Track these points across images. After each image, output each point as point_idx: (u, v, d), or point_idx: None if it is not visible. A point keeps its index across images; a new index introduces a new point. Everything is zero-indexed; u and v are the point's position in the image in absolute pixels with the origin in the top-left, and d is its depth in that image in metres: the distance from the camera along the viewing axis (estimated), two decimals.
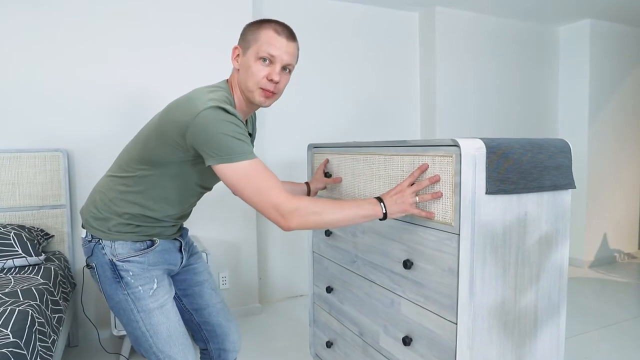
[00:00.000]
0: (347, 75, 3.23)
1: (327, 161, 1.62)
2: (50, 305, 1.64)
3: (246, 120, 1.30)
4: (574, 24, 3.76)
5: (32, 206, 2.24)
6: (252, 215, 2.79)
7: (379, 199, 1.10)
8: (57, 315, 1.67)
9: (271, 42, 1.10)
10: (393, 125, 3.42)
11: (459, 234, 1.03)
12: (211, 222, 2.67)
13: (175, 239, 1.28)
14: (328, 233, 1.67)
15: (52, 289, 1.74)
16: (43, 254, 2.00)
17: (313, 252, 1.84)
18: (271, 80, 1.12)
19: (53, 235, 2.25)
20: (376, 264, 1.37)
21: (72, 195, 2.36)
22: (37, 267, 1.92)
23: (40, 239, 2.11)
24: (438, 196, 1.07)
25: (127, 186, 1.15)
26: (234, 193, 1.06)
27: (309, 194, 1.56)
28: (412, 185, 1.11)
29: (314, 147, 1.76)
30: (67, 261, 2.23)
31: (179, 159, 1.10)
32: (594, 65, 3.69)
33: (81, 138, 2.37)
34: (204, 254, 2.27)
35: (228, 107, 1.03)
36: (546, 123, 3.88)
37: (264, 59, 1.10)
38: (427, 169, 1.10)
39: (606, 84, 3.76)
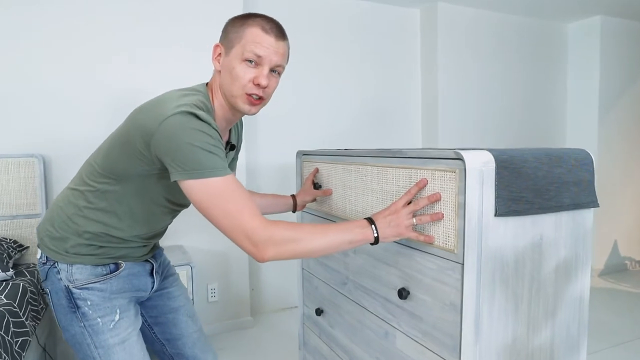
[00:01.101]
0: (345, 75, 3.07)
1: (317, 170, 1.47)
2: (11, 329, 1.49)
3: (230, 130, 1.15)
4: (584, 20, 3.59)
5: (5, 215, 2.09)
6: None
7: (370, 221, 0.94)
8: (20, 339, 1.52)
9: (258, 40, 0.95)
10: (393, 128, 3.26)
11: (462, 264, 0.87)
12: (198, 230, 2.52)
13: (147, 260, 1.13)
14: None
15: (17, 310, 1.59)
16: (12, 269, 1.85)
17: (303, 269, 1.68)
18: (258, 85, 0.97)
19: (27, 247, 2.10)
20: (369, 289, 1.22)
21: (49, 204, 2.21)
22: (4, 283, 1.77)
23: (12, 251, 1.96)
24: (438, 218, 0.91)
25: (87, 201, 1.00)
26: (202, 214, 0.91)
27: (295, 208, 1.41)
28: (408, 204, 0.96)
29: (303, 154, 1.60)
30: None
31: (144, 171, 0.95)
32: (604, 65, 3.51)
33: (59, 143, 2.22)
34: (188, 268, 2.12)
35: (201, 113, 0.88)
36: (553, 125, 3.71)
37: (250, 60, 0.96)
38: (425, 185, 0.95)
39: (617, 85, 3.59)
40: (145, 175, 0.96)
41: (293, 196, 1.41)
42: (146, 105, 0.95)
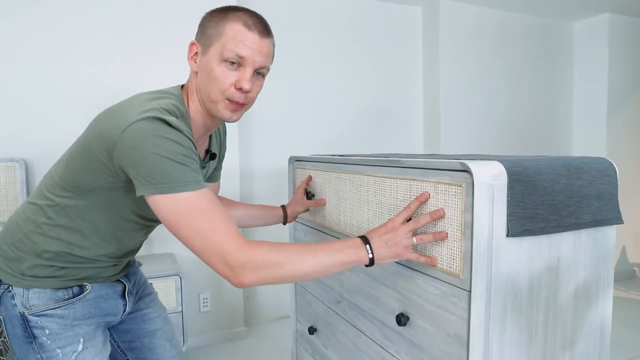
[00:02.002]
0: (344, 76, 2.95)
1: (310, 178, 1.36)
2: None
3: (210, 136, 1.04)
4: (591, 18, 3.47)
5: None
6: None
7: (365, 239, 0.84)
8: None
9: (240, 38, 0.85)
10: (393, 130, 3.15)
11: (469, 291, 0.76)
12: None
13: (119, 280, 1.02)
14: None
15: None
16: None
17: (295, 283, 1.57)
18: (240, 89, 0.86)
19: None
20: (364, 311, 1.10)
21: None
22: None
23: None
24: (442, 238, 0.80)
25: (47, 217, 0.89)
26: (172, 233, 0.80)
27: (286, 219, 1.30)
28: (408, 221, 0.85)
29: (295, 160, 1.49)
30: None
31: (108, 184, 0.84)
32: (612, 65, 3.39)
33: (41, 146, 2.12)
34: (176, 278, 2.01)
35: (171, 119, 0.78)
36: (559, 128, 3.59)
37: (232, 62, 0.85)
38: (427, 200, 0.84)
39: (626, 86, 3.46)
40: (110, 188, 0.85)
41: (283, 207, 1.30)
42: (109, 110, 0.84)
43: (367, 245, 0.82)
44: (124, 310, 1.03)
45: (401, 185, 0.92)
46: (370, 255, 0.82)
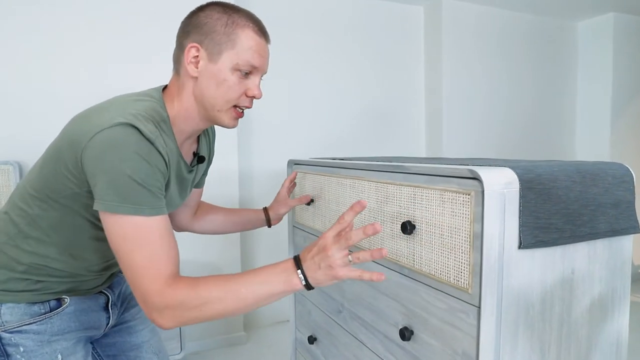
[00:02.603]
0: (345, 77, 2.90)
1: (296, 175, 1.30)
2: None
3: (198, 139, 0.98)
4: (595, 18, 3.42)
5: None
6: (235, 234, 2.48)
7: (298, 262, 0.75)
8: None
9: (255, 48, 0.83)
10: (395, 131, 3.10)
11: (479, 307, 0.71)
12: (188, 242, 2.36)
13: (102, 291, 0.96)
14: None
15: None
16: None
17: None
18: (253, 97, 0.85)
19: None
20: (366, 322, 1.06)
21: None
22: None
23: None
24: (380, 256, 0.69)
25: (19, 229, 0.83)
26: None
27: (269, 222, 1.24)
28: (339, 234, 0.73)
29: (294, 164, 1.44)
30: None
31: (77, 194, 0.78)
32: (617, 66, 3.33)
33: (37, 148, 2.06)
34: None
35: (145, 127, 0.73)
36: (562, 130, 3.54)
37: (245, 72, 0.83)
38: (364, 209, 0.74)
39: (631, 87, 3.41)
40: (80, 199, 0.78)
41: (265, 209, 1.24)
42: (84, 113, 0.78)
43: (300, 270, 0.73)
44: (108, 324, 0.97)
45: (405, 193, 0.88)
46: (304, 283, 0.73)
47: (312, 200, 1.29)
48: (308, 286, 0.73)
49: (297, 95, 2.76)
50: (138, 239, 0.71)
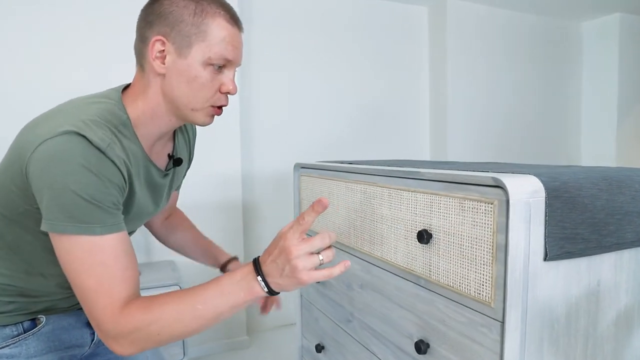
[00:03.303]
0: (346, 78, 2.87)
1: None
2: None
3: (174, 138, 0.89)
4: (601, 18, 3.38)
5: None
6: (238, 234, 2.45)
7: (257, 268, 0.68)
8: None
9: (227, 39, 0.73)
10: (398, 133, 3.06)
11: (502, 322, 0.67)
12: None
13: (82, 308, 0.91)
14: None
15: None
16: None
17: (301, 295, 1.49)
18: (227, 93, 0.76)
19: None
20: (378, 332, 1.02)
21: None
22: None
23: None
24: (342, 270, 0.67)
25: None
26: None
27: (223, 270, 1.10)
28: (302, 233, 0.67)
29: (301, 167, 1.41)
30: None
31: (31, 211, 0.70)
32: (623, 67, 3.30)
33: None
34: (176, 288, 1.93)
35: (95, 135, 0.65)
36: (567, 131, 3.50)
37: (218, 66, 0.74)
38: (326, 208, 0.69)
39: (637, 88, 3.37)
40: (36, 215, 0.69)
41: (234, 259, 1.10)
42: (33, 121, 0.72)
43: (260, 276, 0.66)
44: (93, 340, 0.91)
45: (420, 200, 0.84)
46: (266, 289, 0.67)
47: None
48: (271, 292, 0.67)
49: (298, 96, 2.73)
50: (88, 261, 0.65)
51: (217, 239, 2.55)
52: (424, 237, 0.81)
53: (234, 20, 0.75)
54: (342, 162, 1.31)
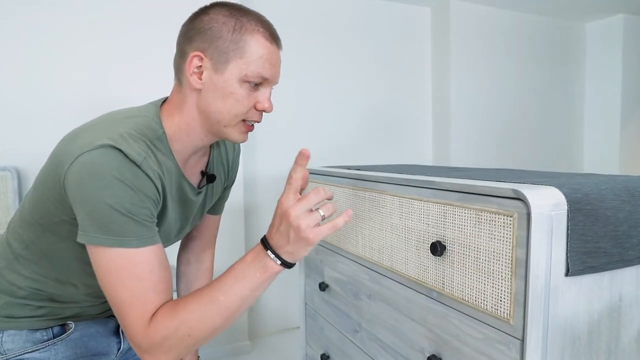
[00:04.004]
0: (349, 80, 2.84)
1: None
2: None
3: (210, 154, 0.88)
4: (604, 19, 3.36)
5: None
6: (239, 239, 2.42)
7: (265, 243, 0.67)
8: None
9: (266, 57, 0.72)
10: (400, 135, 3.03)
11: (522, 340, 0.64)
12: None
13: (112, 315, 0.90)
14: (322, 287, 1.28)
15: None
16: None
17: (305, 303, 1.46)
18: (263, 111, 0.75)
19: None
20: (387, 345, 0.99)
21: None
22: None
23: None
24: (346, 220, 0.66)
25: (16, 254, 0.78)
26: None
27: None
28: (296, 195, 0.67)
29: None
30: None
31: (67, 222, 0.70)
32: (627, 68, 3.27)
33: (35, 154, 2.00)
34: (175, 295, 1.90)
35: (131, 149, 0.65)
36: (570, 134, 3.48)
37: (255, 83, 0.73)
38: (309, 158, 0.68)
39: None
40: (72, 226, 0.70)
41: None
42: (72, 132, 0.72)
43: (269, 250, 0.66)
44: (119, 349, 0.91)
45: (433, 210, 0.81)
46: (279, 262, 0.66)
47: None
48: (286, 264, 0.66)
49: (300, 99, 2.70)
50: (123, 274, 0.64)
51: (218, 242, 2.50)
52: (437, 248, 0.78)
53: (273, 37, 0.74)
54: (348, 168, 1.28)
